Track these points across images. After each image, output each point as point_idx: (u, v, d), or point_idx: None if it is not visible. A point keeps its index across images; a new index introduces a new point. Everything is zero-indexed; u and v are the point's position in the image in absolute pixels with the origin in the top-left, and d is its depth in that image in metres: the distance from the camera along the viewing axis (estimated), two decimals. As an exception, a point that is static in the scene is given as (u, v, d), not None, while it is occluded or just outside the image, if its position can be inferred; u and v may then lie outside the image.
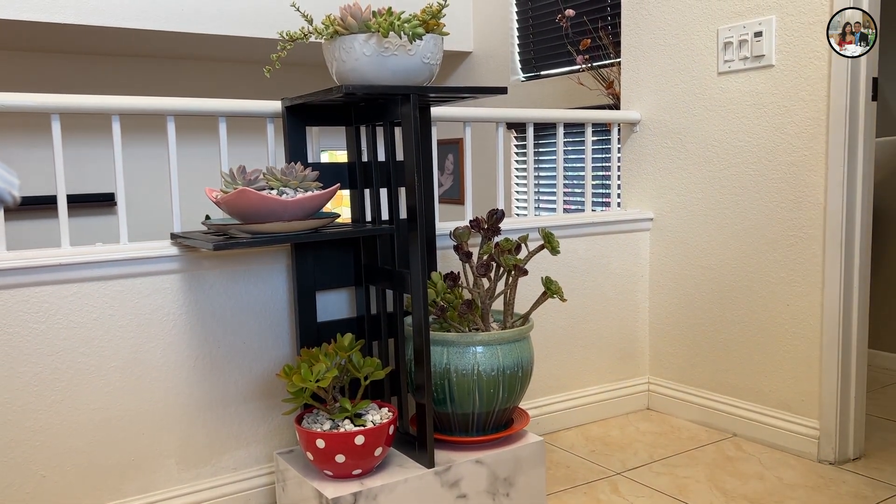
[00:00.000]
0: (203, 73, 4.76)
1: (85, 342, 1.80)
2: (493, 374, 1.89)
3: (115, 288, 1.82)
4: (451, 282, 1.99)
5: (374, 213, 1.99)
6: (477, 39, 4.58)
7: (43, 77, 4.33)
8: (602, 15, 3.67)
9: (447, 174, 4.87)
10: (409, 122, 1.76)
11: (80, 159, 4.34)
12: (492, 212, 2.05)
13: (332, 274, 2.03)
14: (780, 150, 2.29)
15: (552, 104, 3.98)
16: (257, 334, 2.00)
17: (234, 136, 2.08)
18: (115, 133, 1.88)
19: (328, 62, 1.81)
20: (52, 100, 1.76)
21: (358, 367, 1.84)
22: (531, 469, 1.99)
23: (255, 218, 1.71)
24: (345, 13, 1.71)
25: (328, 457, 1.75)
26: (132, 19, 3.58)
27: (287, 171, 1.78)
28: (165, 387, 1.90)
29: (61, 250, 1.78)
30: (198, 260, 1.91)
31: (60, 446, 1.79)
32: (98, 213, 4.50)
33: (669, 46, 2.60)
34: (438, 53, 1.81)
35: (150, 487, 1.90)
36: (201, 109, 1.92)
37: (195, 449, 1.95)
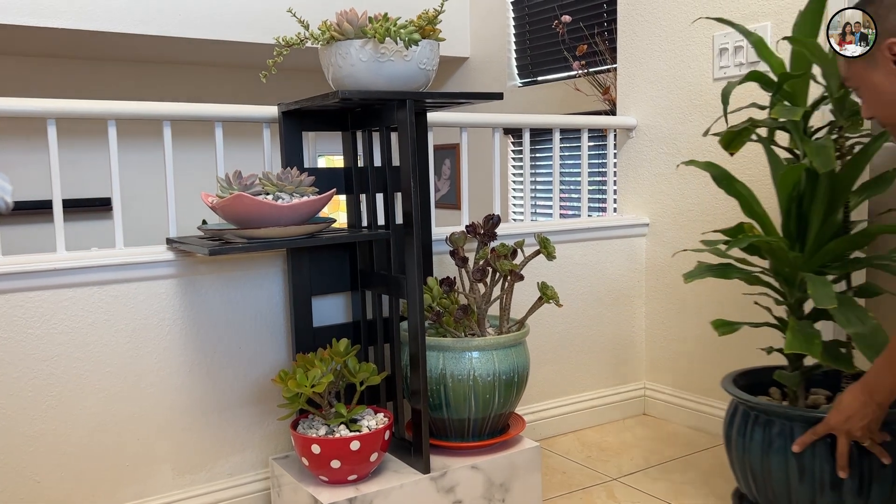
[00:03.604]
0: (199, 78, 4.76)
1: (80, 347, 1.80)
2: (490, 379, 1.89)
3: (111, 293, 1.82)
4: (447, 287, 1.99)
5: (371, 218, 1.99)
6: (473, 45, 4.59)
7: (39, 82, 4.33)
8: (598, 21, 3.68)
9: (444, 179, 4.88)
10: (405, 128, 1.77)
11: (75, 164, 4.33)
12: (488, 217, 2.05)
13: (328, 279, 2.03)
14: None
15: (548, 110, 3.99)
16: (253, 339, 2.00)
17: (231, 142, 2.08)
18: (111, 138, 1.88)
19: (324, 68, 1.81)
20: (49, 105, 1.76)
21: (354, 372, 1.84)
22: (527, 475, 1.99)
23: (251, 223, 1.71)
24: (341, 19, 1.72)
25: (324, 462, 1.75)
26: (129, 24, 3.59)
27: (283, 176, 1.78)
28: (161, 392, 1.89)
29: (57, 255, 1.78)
30: (193, 265, 1.91)
31: (55, 451, 1.78)
32: (94, 218, 4.49)
33: (665, 52, 2.61)
34: (435, 59, 1.81)
35: (145, 493, 1.89)
36: (197, 114, 1.92)
37: (190, 454, 1.94)
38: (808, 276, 1.67)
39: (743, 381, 1.92)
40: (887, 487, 1.61)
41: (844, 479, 1.60)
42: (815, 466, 1.63)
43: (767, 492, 1.73)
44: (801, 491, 1.65)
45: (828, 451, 1.62)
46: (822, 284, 1.61)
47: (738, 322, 1.84)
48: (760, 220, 1.87)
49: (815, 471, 1.63)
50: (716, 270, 1.86)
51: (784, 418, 1.69)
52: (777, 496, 1.70)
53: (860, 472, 1.60)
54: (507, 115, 2.43)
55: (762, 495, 1.75)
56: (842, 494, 1.61)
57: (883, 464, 1.60)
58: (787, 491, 1.68)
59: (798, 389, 1.83)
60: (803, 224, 1.79)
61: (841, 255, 1.77)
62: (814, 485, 1.63)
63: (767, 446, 1.70)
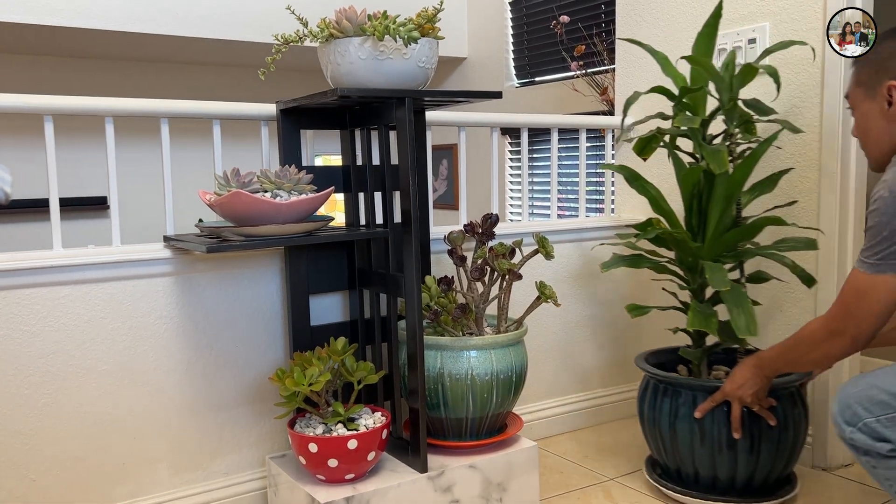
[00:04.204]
0: (197, 76, 4.75)
1: (76, 345, 1.79)
2: (487, 378, 1.88)
3: (108, 290, 1.81)
4: (445, 286, 1.99)
5: (369, 216, 1.99)
6: (472, 45, 4.58)
7: (37, 80, 4.32)
8: (597, 22, 3.68)
9: (441, 179, 4.88)
10: (403, 126, 1.76)
11: (73, 162, 4.32)
12: (486, 216, 2.05)
13: (325, 277, 2.03)
14: (773, 156, 2.29)
15: (546, 110, 3.99)
16: (250, 338, 2.00)
17: (229, 140, 2.08)
18: (109, 135, 1.87)
19: (323, 66, 1.81)
20: (45, 101, 1.75)
21: (351, 371, 1.83)
22: (524, 474, 1.98)
23: (249, 221, 1.70)
24: (340, 16, 1.71)
25: (321, 461, 1.74)
26: (127, 23, 3.58)
27: (281, 173, 1.78)
28: (157, 390, 1.89)
29: (53, 252, 1.77)
30: (191, 263, 1.90)
31: (50, 450, 1.78)
32: (91, 217, 4.48)
33: (663, 52, 2.61)
34: (434, 57, 1.81)
35: (140, 492, 1.89)
36: (195, 112, 1.92)
37: (186, 453, 1.94)
38: (707, 263, 1.94)
39: (654, 360, 2.17)
40: (773, 446, 1.90)
41: (738, 440, 1.88)
42: (714, 430, 1.91)
43: (675, 456, 2.00)
44: (703, 452, 1.93)
45: (724, 417, 1.90)
46: (717, 270, 1.90)
47: (647, 306, 2.11)
48: (667, 215, 2.12)
49: (715, 434, 1.91)
50: (628, 260, 2.12)
51: (688, 389, 1.96)
52: (683, 459, 1.98)
53: (751, 434, 1.89)
54: (505, 115, 2.42)
55: (671, 459, 2.02)
56: (736, 453, 1.90)
57: (770, 425, 1.88)
58: (692, 453, 1.95)
59: (702, 365, 2.10)
60: (703, 218, 2.05)
61: (734, 246, 2.04)
62: (713, 446, 1.92)
63: (674, 415, 1.97)
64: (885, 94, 1.51)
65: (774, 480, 1.98)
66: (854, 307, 1.49)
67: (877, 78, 1.53)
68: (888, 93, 1.50)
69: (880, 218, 1.40)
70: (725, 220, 2.02)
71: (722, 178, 1.96)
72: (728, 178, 1.96)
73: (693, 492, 1.98)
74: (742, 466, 1.91)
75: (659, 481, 2.07)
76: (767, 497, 1.96)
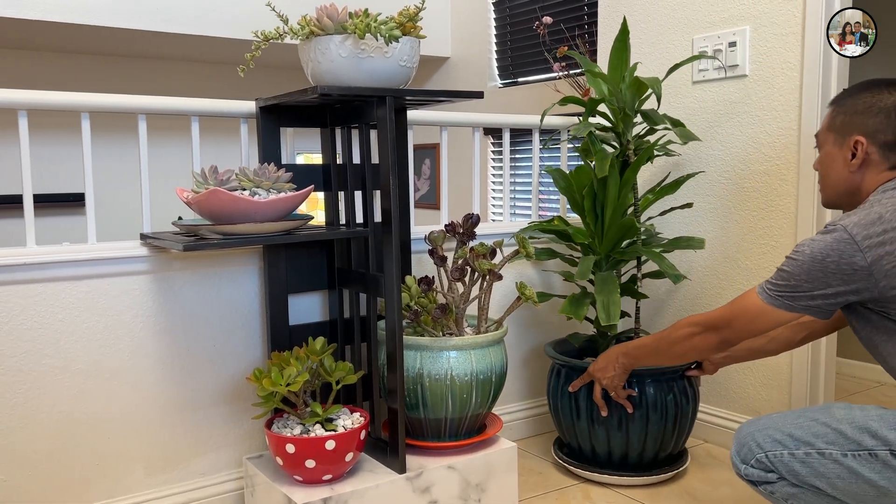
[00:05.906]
0: (177, 73, 4.71)
1: (50, 343, 1.76)
2: (467, 379, 1.88)
3: (83, 289, 1.79)
4: (425, 286, 1.98)
5: (349, 215, 1.98)
6: (454, 45, 4.58)
7: (11, 75, 4.25)
8: (579, 23, 3.69)
9: (423, 179, 4.87)
10: (384, 125, 1.75)
11: (48, 158, 4.27)
12: (467, 216, 2.04)
13: (304, 277, 2.01)
14: (752, 158, 2.31)
15: (529, 111, 3.99)
16: (228, 337, 1.98)
17: (208, 137, 2.06)
18: (85, 131, 1.84)
19: (303, 63, 1.79)
20: (20, 96, 1.72)
21: (330, 371, 1.82)
22: (503, 475, 1.98)
23: (227, 219, 1.69)
24: (321, 14, 1.70)
25: (298, 462, 1.73)
26: (105, 18, 3.53)
27: (260, 171, 1.76)
28: (133, 389, 1.86)
29: (27, 249, 1.74)
30: (168, 261, 1.88)
31: (23, 450, 1.75)
32: (67, 214, 4.42)
33: (645, 55, 2.62)
34: (415, 56, 1.80)
35: (116, 492, 1.86)
36: (173, 108, 1.89)
37: (163, 453, 1.91)
38: (586, 258, 2.14)
39: (561, 348, 2.32)
40: (643, 425, 2.09)
41: (606, 417, 2.08)
42: (589, 407, 2.11)
43: (565, 431, 2.22)
44: (581, 426, 2.15)
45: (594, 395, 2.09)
46: (584, 263, 2.10)
47: (551, 293, 2.33)
48: (583, 213, 2.27)
49: (590, 410, 2.12)
50: (539, 253, 2.31)
51: (570, 369, 2.17)
52: (568, 432, 2.21)
53: (619, 414, 2.08)
54: (487, 115, 2.42)
55: (564, 435, 2.25)
56: (608, 429, 2.10)
57: (628, 411, 2.06)
58: (574, 427, 2.17)
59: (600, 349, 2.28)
60: (601, 217, 2.22)
61: (619, 242, 2.22)
62: (589, 421, 2.12)
63: (562, 393, 2.17)
64: (851, 146, 1.57)
65: (666, 456, 2.18)
66: (739, 320, 1.63)
67: (847, 129, 1.58)
68: (854, 146, 1.57)
69: (793, 269, 1.51)
70: (618, 218, 2.18)
71: (612, 181, 2.14)
72: (617, 181, 2.15)
73: (592, 466, 2.19)
74: (619, 443, 2.10)
75: (563, 458, 2.26)
76: (656, 470, 2.16)
